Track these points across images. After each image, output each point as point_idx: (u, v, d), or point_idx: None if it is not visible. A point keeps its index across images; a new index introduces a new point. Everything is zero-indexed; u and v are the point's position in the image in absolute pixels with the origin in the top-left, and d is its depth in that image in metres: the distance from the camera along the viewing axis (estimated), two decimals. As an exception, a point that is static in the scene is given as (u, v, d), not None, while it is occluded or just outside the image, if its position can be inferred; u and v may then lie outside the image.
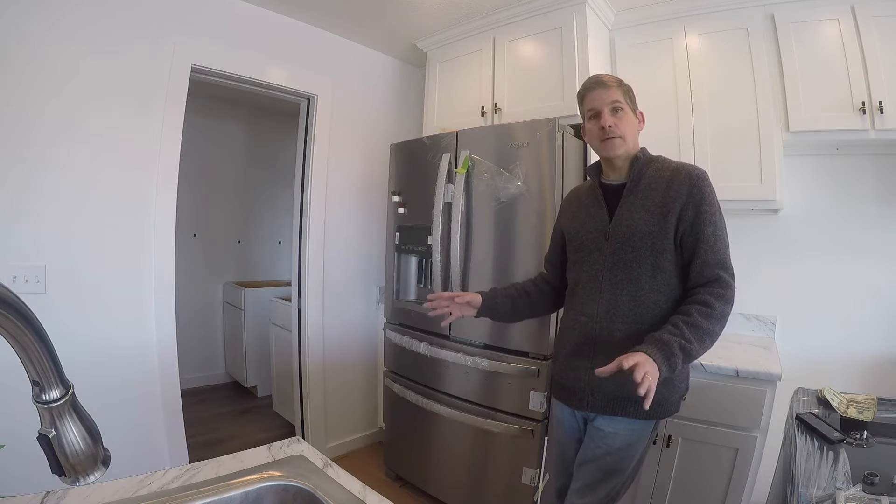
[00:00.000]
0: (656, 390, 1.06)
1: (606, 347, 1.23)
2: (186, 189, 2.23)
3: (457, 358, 2.05)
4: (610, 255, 1.26)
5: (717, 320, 1.13)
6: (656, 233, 1.20)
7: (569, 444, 1.41)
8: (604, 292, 1.26)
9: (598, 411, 1.27)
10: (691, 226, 1.19)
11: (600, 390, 1.25)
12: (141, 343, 2.01)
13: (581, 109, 1.36)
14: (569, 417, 1.39)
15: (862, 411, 1.25)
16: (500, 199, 1.95)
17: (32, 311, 0.48)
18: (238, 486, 0.79)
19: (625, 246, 1.23)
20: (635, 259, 1.22)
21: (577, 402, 1.32)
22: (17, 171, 1.69)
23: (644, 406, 1.01)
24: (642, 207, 1.23)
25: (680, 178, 1.22)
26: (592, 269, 1.29)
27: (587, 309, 1.29)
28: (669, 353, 1.07)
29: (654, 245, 1.21)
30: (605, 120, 1.26)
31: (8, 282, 1.65)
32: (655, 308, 1.21)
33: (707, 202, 1.19)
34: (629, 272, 1.23)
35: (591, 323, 1.27)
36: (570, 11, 2.08)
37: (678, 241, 1.21)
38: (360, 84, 2.81)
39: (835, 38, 1.76)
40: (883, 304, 1.93)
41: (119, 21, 1.89)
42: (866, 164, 1.96)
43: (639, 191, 1.26)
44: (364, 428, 2.93)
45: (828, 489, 0.87)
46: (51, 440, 0.51)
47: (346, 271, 2.80)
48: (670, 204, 1.20)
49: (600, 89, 1.28)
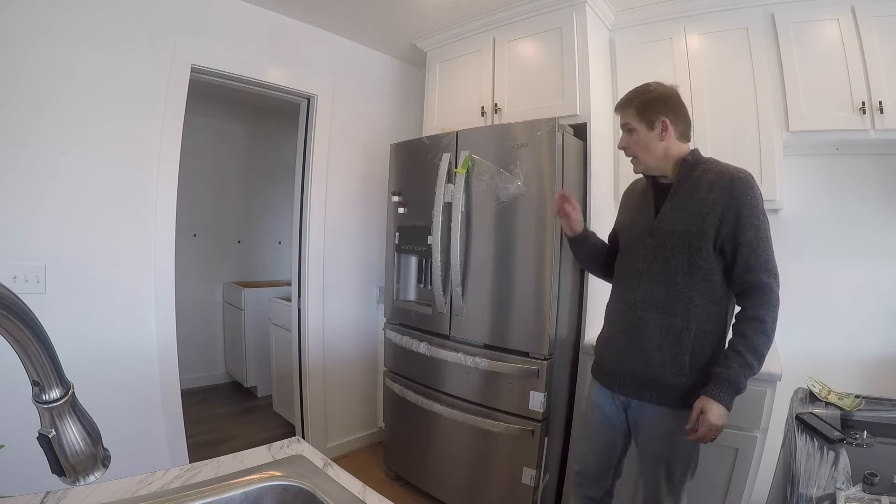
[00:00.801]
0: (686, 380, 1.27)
1: (639, 334, 1.33)
2: (186, 189, 2.23)
3: (457, 358, 2.05)
4: (652, 250, 1.34)
5: (770, 330, 1.22)
6: (694, 232, 1.26)
7: (598, 428, 1.46)
8: (642, 283, 1.35)
9: (629, 395, 1.36)
10: (732, 230, 1.23)
11: (633, 375, 1.35)
12: (141, 343, 2.01)
13: None
14: (608, 403, 1.44)
15: (842, 398, 1.35)
16: (500, 199, 1.95)
17: (32, 311, 0.48)
18: (238, 486, 0.79)
19: (665, 242, 1.31)
20: (673, 255, 1.29)
21: (614, 385, 1.40)
22: (17, 171, 1.69)
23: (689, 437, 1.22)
24: (684, 207, 1.30)
25: (722, 181, 1.26)
26: (634, 261, 1.39)
27: (626, 297, 1.39)
28: (737, 388, 1.20)
29: (692, 244, 1.26)
30: (620, 142, 1.38)
31: (8, 282, 1.65)
32: (689, 304, 1.27)
33: (748, 206, 1.22)
34: (666, 266, 1.30)
35: (629, 310, 1.37)
36: (569, 11, 2.08)
37: (719, 244, 1.25)
38: (360, 84, 2.81)
39: (835, 38, 1.76)
40: (883, 304, 1.93)
41: (119, 21, 1.89)
42: (866, 164, 1.96)
43: (683, 191, 1.32)
44: (364, 428, 2.93)
45: (828, 489, 0.87)
46: (51, 440, 0.51)
47: (346, 271, 2.81)
48: (710, 206, 1.25)
49: (618, 112, 1.39)
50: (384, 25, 2.54)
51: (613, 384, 1.40)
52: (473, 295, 2.05)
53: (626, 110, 1.36)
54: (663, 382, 1.29)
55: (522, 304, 1.90)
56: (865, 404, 1.32)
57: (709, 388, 1.21)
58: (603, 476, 1.49)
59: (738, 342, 1.22)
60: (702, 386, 1.26)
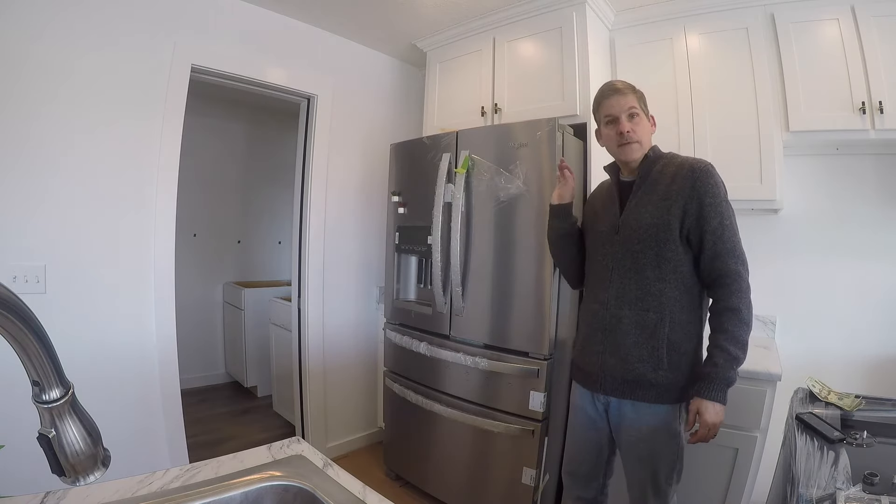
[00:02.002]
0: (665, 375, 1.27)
1: (615, 332, 1.33)
2: (186, 189, 2.23)
3: (457, 358, 2.05)
4: (619, 247, 1.34)
5: (747, 318, 1.23)
6: (660, 224, 1.28)
7: (583, 431, 1.46)
8: (613, 281, 1.35)
9: (609, 393, 1.35)
10: (696, 219, 1.25)
11: (611, 374, 1.34)
12: (141, 343, 2.01)
13: (597, 115, 1.41)
14: (589, 404, 1.43)
15: (842, 398, 1.35)
16: (500, 199, 1.95)
17: (32, 311, 0.48)
18: (238, 486, 0.79)
19: (632, 237, 1.31)
20: (641, 250, 1.30)
21: (593, 385, 1.39)
22: (17, 171, 1.69)
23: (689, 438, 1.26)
24: (648, 201, 1.31)
25: (683, 172, 1.29)
26: (604, 260, 1.39)
27: (600, 296, 1.38)
28: (728, 382, 1.22)
29: (658, 236, 1.28)
30: (623, 126, 1.32)
31: (8, 282, 1.65)
32: (661, 296, 1.28)
33: (710, 194, 1.24)
34: (635, 262, 1.31)
35: (602, 310, 1.36)
36: (569, 11, 2.08)
37: (685, 234, 1.27)
38: (360, 84, 2.81)
39: (835, 38, 1.76)
40: (883, 304, 1.93)
41: (119, 21, 1.89)
42: (866, 164, 1.96)
43: (646, 186, 1.34)
44: (364, 428, 2.93)
45: (828, 489, 0.87)
46: (51, 440, 0.51)
47: (346, 271, 2.80)
48: (673, 197, 1.27)
49: (617, 96, 1.34)
50: (384, 25, 2.54)
51: (593, 384, 1.39)
52: (473, 295, 2.05)
53: (629, 95, 1.34)
54: (643, 378, 1.29)
55: (522, 304, 1.90)
56: (865, 404, 1.32)
57: (700, 388, 1.22)
58: (594, 476, 1.48)
59: (720, 338, 1.23)
60: (683, 379, 1.28)
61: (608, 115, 1.36)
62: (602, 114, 1.38)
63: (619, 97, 1.34)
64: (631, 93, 1.34)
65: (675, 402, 1.30)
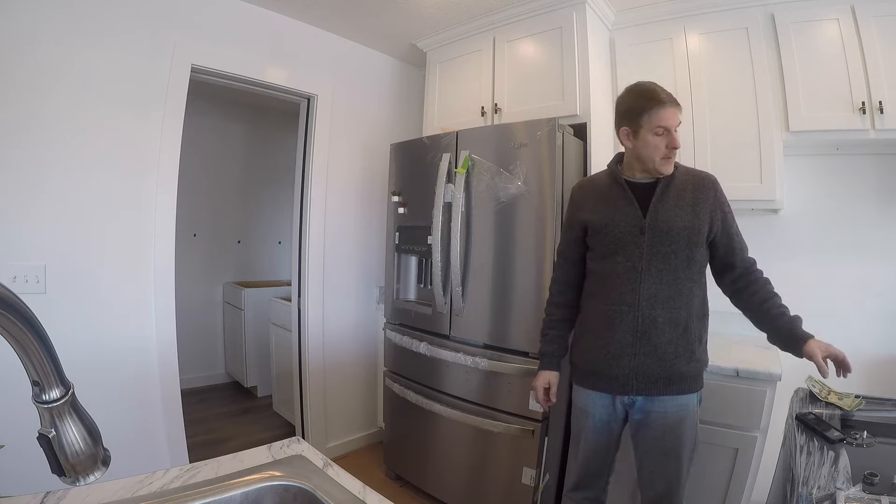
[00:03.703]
0: (696, 365, 1.36)
1: (650, 333, 1.34)
2: (186, 189, 2.23)
3: (457, 358, 2.05)
4: (648, 248, 1.35)
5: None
6: (691, 228, 1.34)
7: (597, 435, 1.45)
8: (644, 282, 1.35)
9: (643, 393, 1.36)
10: (722, 225, 1.38)
11: (645, 374, 1.35)
12: (141, 343, 2.01)
13: (642, 118, 1.34)
14: (604, 408, 1.43)
15: (842, 398, 1.36)
16: (500, 199, 1.95)
17: (32, 311, 0.48)
18: (238, 486, 0.79)
19: (663, 240, 1.34)
20: (673, 252, 1.34)
21: (620, 388, 1.38)
22: (17, 171, 1.69)
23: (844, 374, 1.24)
24: (677, 206, 1.36)
25: (704, 183, 1.39)
26: (629, 261, 1.36)
27: (627, 298, 1.36)
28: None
29: (690, 239, 1.34)
30: (676, 141, 1.34)
31: (8, 282, 1.65)
32: (690, 295, 1.35)
33: (727, 205, 1.41)
34: (668, 263, 1.34)
35: (633, 311, 1.35)
36: (569, 11, 2.08)
37: (710, 238, 1.38)
38: (360, 84, 2.81)
39: (835, 38, 1.76)
40: (883, 304, 1.93)
41: (118, 20, 1.89)
42: (866, 164, 1.96)
43: (671, 191, 1.38)
44: (364, 428, 2.93)
45: (828, 489, 0.87)
46: (51, 440, 0.51)
47: (346, 271, 2.80)
48: (700, 205, 1.36)
49: (675, 108, 1.34)
50: (384, 25, 2.54)
51: (620, 388, 1.37)
52: (473, 295, 2.05)
53: (679, 109, 1.35)
54: (679, 372, 1.34)
55: (522, 303, 1.90)
56: (865, 404, 1.32)
57: (804, 333, 1.31)
58: (601, 474, 1.49)
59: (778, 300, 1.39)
60: (704, 366, 1.40)
61: (662, 126, 1.32)
62: (655, 122, 1.32)
63: (677, 110, 1.34)
64: (679, 104, 1.36)
65: (699, 389, 1.39)
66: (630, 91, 1.39)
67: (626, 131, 1.38)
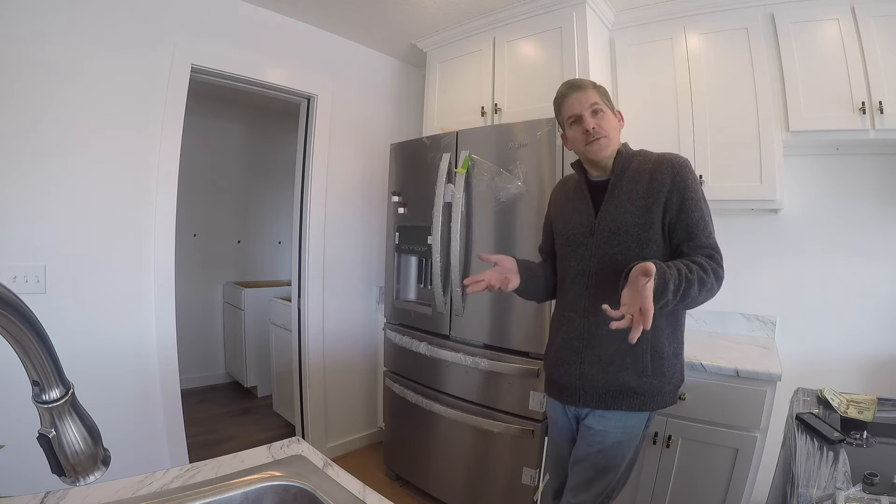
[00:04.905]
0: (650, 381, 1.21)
1: (595, 341, 1.25)
2: (186, 189, 2.23)
3: (457, 358, 2.05)
4: (596, 250, 1.27)
5: (711, 283, 1.11)
6: (641, 224, 1.21)
7: (562, 443, 1.42)
8: (591, 287, 1.27)
9: (589, 406, 1.28)
10: (678, 213, 1.19)
11: (591, 385, 1.26)
12: (141, 343, 2.01)
13: (560, 118, 1.33)
14: (561, 416, 1.40)
15: (862, 411, 1.24)
16: (500, 199, 1.95)
17: (32, 311, 0.48)
18: (238, 486, 0.79)
19: (610, 240, 1.24)
20: (621, 252, 1.22)
21: (569, 398, 1.33)
22: (17, 171, 1.69)
23: (631, 337, 0.95)
24: (627, 201, 1.24)
25: (662, 167, 1.23)
26: (579, 265, 1.30)
27: (575, 304, 1.30)
28: (664, 281, 1.03)
29: (640, 237, 1.21)
30: (587, 123, 1.25)
31: (8, 282, 1.65)
32: None
33: (691, 189, 1.20)
34: (615, 266, 1.20)
35: (579, 318, 1.29)
36: (569, 11, 2.07)
37: (665, 229, 1.21)
38: (360, 84, 2.81)
39: (835, 38, 1.76)
40: (883, 304, 1.93)
41: (119, 21, 1.89)
42: (866, 164, 1.96)
43: (623, 185, 1.27)
44: (364, 428, 2.93)
45: (828, 489, 0.87)
46: (51, 440, 0.51)
47: (346, 271, 2.80)
48: (654, 194, 1.21)
49: (577, 93, 1.27)
50: (384, 25, 2.54)
51: (569, 397, 1.32)
52: (473, 295, 2.05)
53: (589, 91, 1.26)
54: (626, 387, 1.22)
55: (522, 304, 1.89)
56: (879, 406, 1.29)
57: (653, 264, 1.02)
58: None
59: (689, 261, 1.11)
60: (668, 384, 1.23)
61: (571, 115, 1.27)
62: (564, 115, 1.29)
63: (580, 94, 1.25)
64: (592, 88, 1.27)
65: (657, 409, 1.27)
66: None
67: (562, 135, 1.36)
